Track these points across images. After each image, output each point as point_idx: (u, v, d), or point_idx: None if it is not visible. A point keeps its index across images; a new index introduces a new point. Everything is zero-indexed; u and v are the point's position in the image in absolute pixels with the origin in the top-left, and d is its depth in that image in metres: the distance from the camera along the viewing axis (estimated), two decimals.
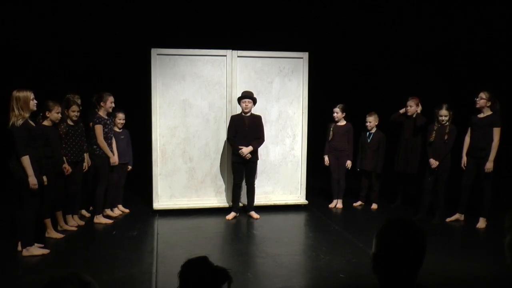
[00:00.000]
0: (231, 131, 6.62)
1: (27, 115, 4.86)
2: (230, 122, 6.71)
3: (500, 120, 6.07)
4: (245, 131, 6.53)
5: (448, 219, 6.54)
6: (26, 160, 4.83)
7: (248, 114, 6.58)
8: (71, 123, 5.97)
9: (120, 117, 6.76)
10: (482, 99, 6.09)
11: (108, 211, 6.67)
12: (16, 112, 4.80)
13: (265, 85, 7.07)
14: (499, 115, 6.09)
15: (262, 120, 6.70)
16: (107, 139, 6.34)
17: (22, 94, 4.84)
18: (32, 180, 4.86)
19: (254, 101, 6.59)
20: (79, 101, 6.19)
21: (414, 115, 7.01)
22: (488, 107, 6.10)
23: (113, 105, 6.35)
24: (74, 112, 5.96)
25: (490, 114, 6.11)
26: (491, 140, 6.08)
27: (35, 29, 8.46)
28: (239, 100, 6.59)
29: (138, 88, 7.96)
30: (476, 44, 8.31)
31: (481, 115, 6.17)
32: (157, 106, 6.81)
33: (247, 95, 6.54)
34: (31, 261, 4.93)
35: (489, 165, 6.08)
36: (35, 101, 4.95)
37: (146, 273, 4.64)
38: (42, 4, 8.40)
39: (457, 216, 6.54)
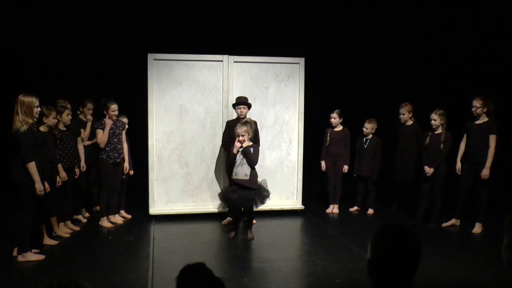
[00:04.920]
0: (226, 137, 6.62)
1: (31, 120, 4.84)
2: (225, 128, 6.70)
3: (496, 126, 6.09)
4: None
5: (444, 224, 6.55)
6: (32, 166, 4.80)
7: (244, 117, 6.55)
8: (63, 128, 5.95)
9: (125, 122, 6.78)
10: (477, 108, 6.10)
11: (111, 217, 6.66)
12: (21, 117, 4.78)
13: (262, 90, 7.08)
14: (494, 120, 6.11)
15: (257, 126, 6.69)
16: (111, 143, 6.35)
17: (27, 99, 4.82)
18: (39, 186, 4.85)
19: (249, 106, 6.59)
20: (69, 106, 6.19)
21: (407, 123, 7.04)
22: (484, 113, 6.11)
23: (116, 112, 6.37)
24: (68, 116, 5.96)
25: (487, 121, 6.12)
26: (487, 146, 6.09)
27: (31, 33, 8.46)
28: (234, 106, 6.60)
29: (135, 93, 7.97)
30: (476, 48, 8.35)
31: (478, 121, 6.18)
32: (154, 111, 6.80)
33: (241, 102, 6.52)
34: (27, 267, 4.90)
35: (485, 172, 6.09)
36: (38, 109, 4.94)
37: (142, 279, 4.63)
38: (39, 8, 8.40)
39: (453, 221, 6.56)
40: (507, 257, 2.16)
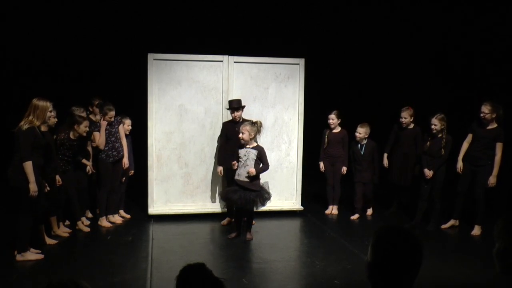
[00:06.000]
0: (222, 139, 6.60)
1: (38, 123, 4.86)
2: (221, 130, 6.70)
3: (504, 134, 6.01)
4: (238, 138, 6.40)
5: (443, 226, 6.54)
6: (29, 166, 4.79)
7: (239, 120, 6.53)
8: (73, 137, 5.93)
9: (128, 123, 6.76)
10: (486, 114, 5.98)
11: (110, 217, 6.65)
12: (30, 117, 4.81)
13: (261, 91, 7.08)
14: (502, 127, 6.03)
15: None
16: (109, 142, 6.35)
17: (41, 103, 4.85)
18: (33, 187, 4.83)
19: (243, 108, 6.55)
20: (83, 114, 6.16)
21: (408, 126, 7.01)
22: (493, 118, 6.01)
23: (112, 119, 6.35)
24: (86, 127, 5.94)
25: (495, 127, 6.04)
26: (492, 152, 6.04)
27: (31, 34, 8.46)
28: (228, 109, 6.57)
29: (134, 93, 7.97)
30: (477, 50, 8.36)
31: (486, 127, 6.07)
32: (153, 111, 6.80)
33: (235, 106, 6.46)
34: (27, 266, 4.90)
35: (493, 180, 6.04)
36: (52, 113, 4.95)
37: (140, 279, 4.63)
38: (38, 9, 8.40)
39: (452, 222, 6.55)
40: (500, 264, 2.13)
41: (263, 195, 5.92)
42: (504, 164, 6.19)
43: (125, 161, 6.60)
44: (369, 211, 7.30)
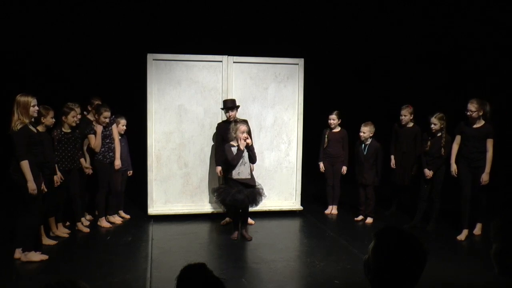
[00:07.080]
0: (218, 139, 6.59)
1: (26, 120, 4.85)
2: (216, 131, 6.69)
3: (493, 130, 5.94)
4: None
5: (458, 237, 6.13)
6: (25, 165, 4.80)
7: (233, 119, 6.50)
8: (66, 130, 5.93)
9: (122, 123, 6.74)
10: (473, 112, 5.87)
11: (110, 217, 6.65)
12: (16, 116, 4.80)
13: (261, 91, 7.08)
14: (491, 123, 5.97)
15: (247, 124, 6.56)
16: (104, 144, 6.35)
17: (22, 99, 4.83)
18: (31, 186, 4.83)
19: (238, 108, 6.56)
20: (78, 110, 6.15)
21: (407, 125, 6.99)
22: (480, 116, 5.92)
23: (107, 120, 6.33)
24: (74, 118, 5.93)
25: (484, 124, 5.94)
26: (485, 150, 5.96)
27: (31, 34, 8.46)
28: (224, 109, 6.55)
29: (134, 93, 7.97)
30: (475, 49, 8.36)
31: (475, 126, 5.97)
32: (153, 112, 6.80)
33: (231, 106, 6.45)
34: (25, 267, 4.90)
35: (486, 177, 5.94)
36: (36, 108, 4.94)
37: (140, 279, 4.63)
38: (38, 8, 8.40)
39: (465, 232, 6.18)
40: (498, 265, 2.12)
41: (261, 190, 6.11)
42: (504, 163, 6.16)
43: (117, 163, 6.50)
44: (369, 220, 6.96)
